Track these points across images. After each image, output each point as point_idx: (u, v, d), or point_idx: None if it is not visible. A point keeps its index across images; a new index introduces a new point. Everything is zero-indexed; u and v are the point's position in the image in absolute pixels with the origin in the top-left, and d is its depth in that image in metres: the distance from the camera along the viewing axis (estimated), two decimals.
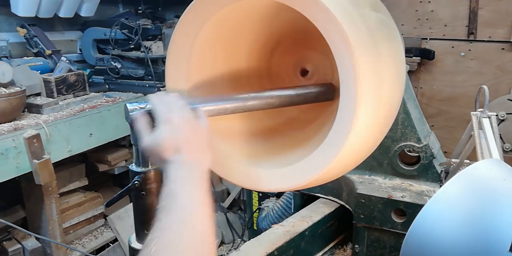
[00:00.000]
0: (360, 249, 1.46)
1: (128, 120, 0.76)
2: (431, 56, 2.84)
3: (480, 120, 1.07)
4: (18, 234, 1.99)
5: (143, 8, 3.02)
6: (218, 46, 0.93)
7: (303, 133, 0.98)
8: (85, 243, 2.35)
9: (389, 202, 1.36)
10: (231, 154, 0.90)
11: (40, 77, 2.08)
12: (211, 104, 0.82)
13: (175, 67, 0.90)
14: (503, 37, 2.65)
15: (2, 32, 2.39)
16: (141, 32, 2.45)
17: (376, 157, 1.50)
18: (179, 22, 0.86)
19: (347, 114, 0.70)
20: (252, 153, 0.93)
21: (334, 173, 0.83)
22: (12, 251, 1.91)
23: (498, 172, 0.70)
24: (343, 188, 1.55)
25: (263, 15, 0.91)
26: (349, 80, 0.69)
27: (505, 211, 0.63)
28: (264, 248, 1.29)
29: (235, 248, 2.83)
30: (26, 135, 1.68)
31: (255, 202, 2.48)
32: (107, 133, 2.18)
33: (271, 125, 1.04)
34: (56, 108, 2.02)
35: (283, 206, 1.96)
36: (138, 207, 0.85)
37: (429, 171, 1.45)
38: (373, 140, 0.83)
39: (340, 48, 0.69)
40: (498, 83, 2.73)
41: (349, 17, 0.70)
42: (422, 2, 2.85)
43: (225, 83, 0.99)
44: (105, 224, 2.52)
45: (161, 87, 2.43)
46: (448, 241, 0.65)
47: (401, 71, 0.84)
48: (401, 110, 1.41)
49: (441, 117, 2.96)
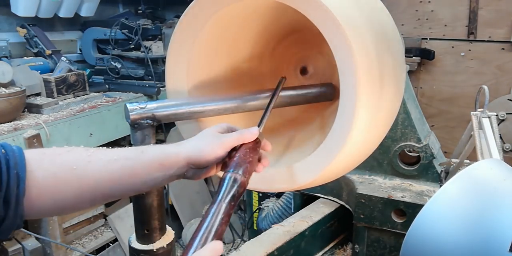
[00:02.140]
0: (360, 249, 1.46)
1: (128, 120, 0.76)
2: (431, 56, 2.84)
3: (480, 120, 1.07)
4: (18, 234, 1.99)
5: (143, 8, 3.02)
6: (218, 46, 0.93)
7: (303, 133, 0.98)
8: (85, 243, 2.35)
9: (389, 202, 1.36)
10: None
11: (40, 77, 2.08)
12: (211, 104, 0.82)
13: (175, 67, 0.90)
14: (503, 37, 2.65)
15: (2, 32, 2.40)
16: (141, 32, 2.45)
17: (376, 157, 1.50)
18: (179, 22, 0.86)
19: (347, 115, 0.70)
20: None
21: (334, 173, 0.83)
22: (12, 251, 1.91)
23: (498, 172, 0.70)
24: (343, 188, 1.55)
25: (264, 15, 0.91)
26: (349, 80, 0.69)
27: (505, 211, 0.63)
28: (264, 248, 1.29)
29: (235, 248, 2.83)
30: (26, 135, 1.68)
31: (255, 202, 2.48)
32: (107, 133, 2.18)
33: (271, 125, 1.04)
34: (56, 108, 2.02)
35: (283, 206, 1.96)
36: (138, 207, 0.85)
37: (429, 171, 1.45)
38: (373, 140, 0.83)
39: (341, 48, 0.69)
40: (498, 83, 2.73)
41: (349, 17, 0.70)
42: (422, 2, 2.85)
43: (225, 83, 0.99)
44: (105, 224, 2.51)
45: (161, 87, 2.43)
46: (448, 241, 0.65)
47: (401, 71, 0.84)
48: (401, 110, 1.41)
49: (441, 117, 2.96)
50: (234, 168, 0.65)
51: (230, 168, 0.66)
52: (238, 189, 0.63)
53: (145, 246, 0.87)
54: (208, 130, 0.70)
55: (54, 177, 0.58)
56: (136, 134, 0.77)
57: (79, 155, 0.61)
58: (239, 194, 0.63)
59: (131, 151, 0.64)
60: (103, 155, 0.62)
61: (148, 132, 0.77)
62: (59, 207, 0.60)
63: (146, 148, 0.65)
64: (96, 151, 0.62)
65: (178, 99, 0.87)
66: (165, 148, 0.66)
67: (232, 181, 0.63)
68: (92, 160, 0.60)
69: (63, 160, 0.59)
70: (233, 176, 0.64)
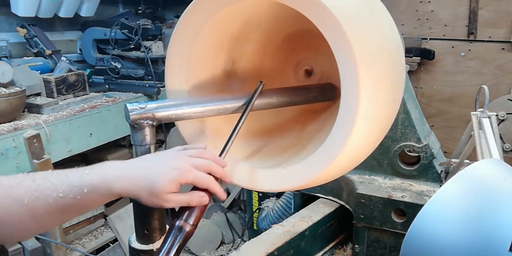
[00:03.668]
0: (360, 249, 1.46)
1: (128, 120, 0.76)
2: (431, 56, 2.84)
3: (480, 120, 1.07)
4: None
5: (143, 8, 3.02)
6: (218, 46, 0.93)
7: (303, 133, 0.98)
8: (85, 243, 2.35)
9: (389, 202, 1.36)
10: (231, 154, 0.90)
11: (40, 77, 2.09)
12: (211, 104, 0.82)
13: (175, 67, 0.90)
14: (503, 37, 2.65)
15: (2, 32, 2.40)
16: (141, 32, 2.45)
17: (376, 157, 1.50)
18: (179, 22, 0.86)
19: (347, 114, 0.70)
20: (252, 153, 0.93)
21: (334, 173, 0.83)
22: (12, 251, 1.91)
23: (498, 172, 0.70)
24: (343, 188, 1.55)
25: (264, 15, 0.91)
26: (349, 80, 0.69)
27: (505, 211, 0.63)
28: (264, 248, 1.29)
29: (235, 248, 2.83)
30: (26, 135, 1.68)
31: (255, 202, 2.48)
32: (107, 133, 2.19)
33: (271, 125, 1.04)
34: (56, 108, 2.02)
35: (283, 206, 1.96)
36: (138, 207, 0.85)
37: (429, 171, 1.45)
38: (373, 140, 0.83)
39: (341, 48, 0.69)
40: (498, 83, 2.73)
41: (349, 17, 0.70)
42: (422, 2, 2.85)
43: (225, 83, 0.99)
44: (105, 224, 2.52)
45: (161, 87, 2.43)
46: (448, 241, 0.65)
47: (401, 71, 0.84)
48: (401, 110, 1.41)
49: (441, 117, 2.96)
50: (186, 216, 0.68)
51: (182, 215, 0.68)
52: (184, 239, 0.67)
53: (145, 246, 0.87)
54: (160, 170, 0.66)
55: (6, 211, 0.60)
56: (136, 134, 0.77)
57: (27, 189, 0.62)
58: (184, 242, 0.67)
59: (75, 189, 0.63)
60: (48, 190, 0.62)
61: (148, 132, 0.77)
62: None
63: (89, 184, 0.63)
64: (42, 183, 0.63)
65: (178, 99, 0.87)
66: (110, 187, 0.64)
67: (178, 231, 0.67)
68: (40, 197, 0.62)
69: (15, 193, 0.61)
70: (181, 225, 0.67)
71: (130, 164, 0.68)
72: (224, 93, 0.97)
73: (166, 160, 0.68)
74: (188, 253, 2.75)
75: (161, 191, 0.64)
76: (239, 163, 0.87)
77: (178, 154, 0.70)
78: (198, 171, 0.68)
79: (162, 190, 0.64)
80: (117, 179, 0.64)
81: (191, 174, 0.67)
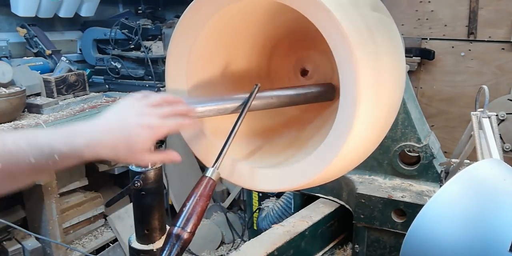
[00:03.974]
0: (360, 249, 1.46)
1: None
2: (431, 56, 2.84)
3: (480, 120, 1.07)
4: (18, 234, 1.99)
5: (143, 8, 3.02)
6: (218, 46, 0.93)
7: (303, 133, 0.98)
8: (85, 243, 2.35)
9: (389, 202, 1.36)
10: (230, 154, 0.90)
11: (40, 77, 2.09)
12: (211, 104, 0.82)
13: (175, 67, 0.90)
14: (503, 37, 2.65)
15: (2, 32, 2.40)
16: (141, 32, 2.45)
17: (376, 157, 1.50)
18: (179, 22, 0.86)
19: (347, 114, 0.70)
20: (251, 153, 0.93)
21: (334, 173, 0.83)
22: (12, 251, 1.91)
23: (498, 172, 0.70)
24: (343, 188, 1.55)
25: (263, 15, 0.91)
26: (349, 80, 0.69)
27: (505, 211, 0.63)
28: (264, 248, 1.29)
29: (235, 248, 2.83)
30: None
31: (255, 202, 2.48)
32: None
33: (271, 125, 1.04)
34: (56, 108, 2.02)
35: (283, 206, 1.95)
36: (138, 207, 0.85)
37: (429, 171, 1.45)
38: (373, 140, 0.83)
39: (340, 48, 0.69)
40: (498, 83, 2.73)
41: (348, 17, 0.70)
42: (422, 2, 2.85)
43: (225, 83, 0.99)
44: (105, 224, 2.51)
45: (161, 87, 2.43)
46: (448, 241, 0.65)
47: (401, 71, 0.84)
48: (401, 110, 1.41)
49: (441, 117, 2.96)
50: (183, 223, 0.67)
51: (178, 222, 0.67)
52: (182, 247, 0.66)
53: (145, 246, 0.87)
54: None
55: None
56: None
57: None
58: (182, 251, 0.66)
59: (45, 155, 0.61)
60: (20, 155, 0.60)
61: None
62: None
63: (58, 152, 0.61)
64: (13, 148, 0.60)
65: None
66: (80, 154, 0.63)
67: (176, 239, 0.66)
68: (12, 161, 0.60)
69: None
70: (178, 233, 0.66)
71: (97, 127, 0.66)
72: (224, 93, 0.97)
73: (133, 117, 0.67)
74: (188, 253, 2.75)
75: (138, 152, 0.65)
76: (238, 163, 0.87)
77: (141, 108, 0.69)
78: (168, 122, 0.68)
79: (140, 150, 0.65)
80: (86, 146, 0.63)
81: (165, 129, 0.68)
